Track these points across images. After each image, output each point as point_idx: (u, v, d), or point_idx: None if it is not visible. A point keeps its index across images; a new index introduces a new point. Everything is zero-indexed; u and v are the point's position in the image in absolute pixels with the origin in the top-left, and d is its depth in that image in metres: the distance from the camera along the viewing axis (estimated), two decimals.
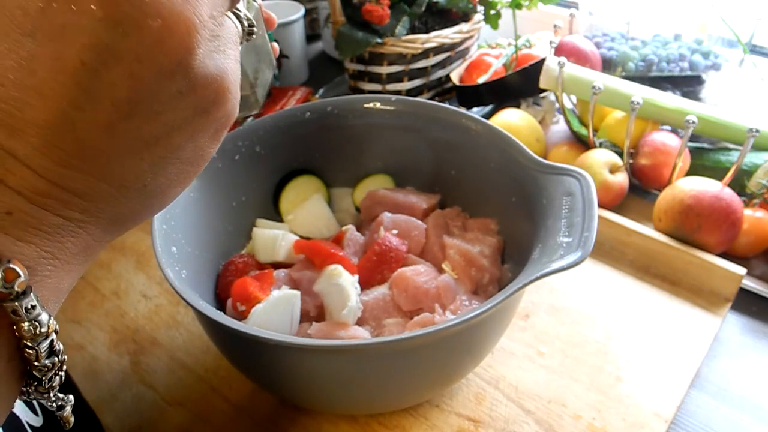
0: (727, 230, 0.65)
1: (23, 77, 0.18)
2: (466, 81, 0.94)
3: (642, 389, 0.55)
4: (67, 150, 0.19)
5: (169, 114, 0.20)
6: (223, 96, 0.21)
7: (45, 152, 0.18)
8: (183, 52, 0.19)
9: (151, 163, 0.21)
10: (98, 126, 0.19)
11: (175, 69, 0.19)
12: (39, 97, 0.18)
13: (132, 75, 0.19)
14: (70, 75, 0.18)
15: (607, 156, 0.74)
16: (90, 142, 0.19)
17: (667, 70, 0.86)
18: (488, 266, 0.56)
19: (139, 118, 0.20)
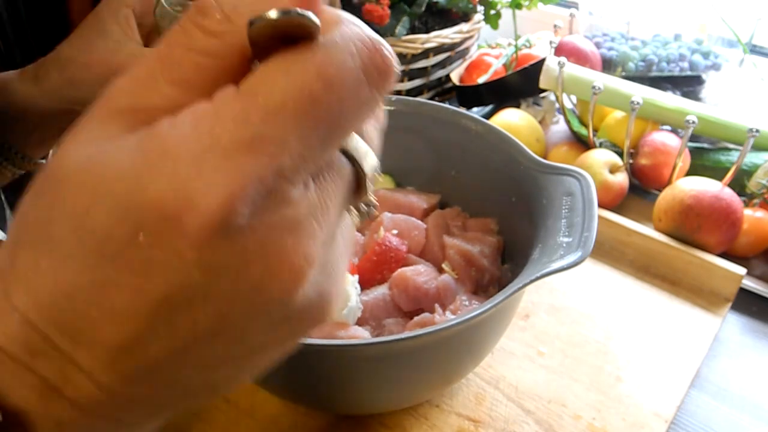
0: (727, 230, 0.65)
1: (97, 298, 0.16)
2: (466, 81, 0.94)
3: (642, 389, 0.55)
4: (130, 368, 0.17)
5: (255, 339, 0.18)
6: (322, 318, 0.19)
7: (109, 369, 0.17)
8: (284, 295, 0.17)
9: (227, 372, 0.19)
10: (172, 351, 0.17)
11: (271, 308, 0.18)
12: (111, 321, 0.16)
13: (220, 315, 0.17)
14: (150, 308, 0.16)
15: (607, 156, 0.74)
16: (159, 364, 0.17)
17: (667, 70, 0.86)
18: (488, 266, 0.56)
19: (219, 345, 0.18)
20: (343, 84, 0.16)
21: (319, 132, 0.17)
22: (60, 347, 0.17)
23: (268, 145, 0.16)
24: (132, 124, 0.17)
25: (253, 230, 0.16)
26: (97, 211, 0.16)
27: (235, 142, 0.16)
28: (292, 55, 0.16)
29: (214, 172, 0.15)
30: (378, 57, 0.17)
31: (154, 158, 0.16)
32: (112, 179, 0.16)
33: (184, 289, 0.16)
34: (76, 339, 0.17)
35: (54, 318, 0.16)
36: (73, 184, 0.16)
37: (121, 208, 0.16)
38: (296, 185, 0.17)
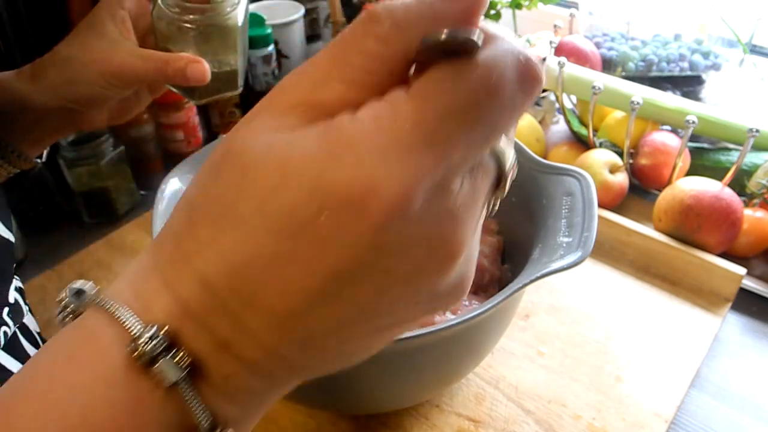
0: (727, 230, 0.65)
1: (274, 268, 0.18)
2: None
3: (642, 389, 0.55)
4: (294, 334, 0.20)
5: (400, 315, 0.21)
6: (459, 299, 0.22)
7: (274, 331, 0.19)
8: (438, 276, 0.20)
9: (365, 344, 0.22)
10: (329, 322, 0.19)
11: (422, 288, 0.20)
12: (283, 289, 0.18)
13: (379, 291, 0.19)
14: (319, 280, 0.18)
15: (607, 156, 0.74)
16: (317, 332, 0.20)
17: (667, 70, 0.86)
18: (488, 266, 0.56)
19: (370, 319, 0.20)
20: (503, 92, 0.18)
21: (481, 133, 0.19)
22: (233, 309, 0.19)
23: (441, 143, 0.18)
24: (308, 117, 0.19)
25: (421, 217, 0.18)
26: (284, 192, 0.18)
27: (414, 138, 0.17)
28: (458, 65, 0.18)
29: (397, 163, 0.17)
30: (530, 69, 0.19)
31: (340, 148, 0.18)
32: (299, 164, 0.18)
33: (354, 266, 0.18)
34: (249, 303, 0.19)
35: (231, 283, 0.19)
36: (260, 167, 0.18)
37: (307, 191, 0.18)
38: (458, 179, 0.19)
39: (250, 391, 0.21)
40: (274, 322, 0.19)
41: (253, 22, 0.94)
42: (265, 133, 0.19)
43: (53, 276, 0.68)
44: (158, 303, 0.20)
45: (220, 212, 0.19)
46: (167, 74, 0.46)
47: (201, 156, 0.55)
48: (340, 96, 0.19)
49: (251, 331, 0.19)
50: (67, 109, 0.48)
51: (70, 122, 0.50)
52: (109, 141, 0.75)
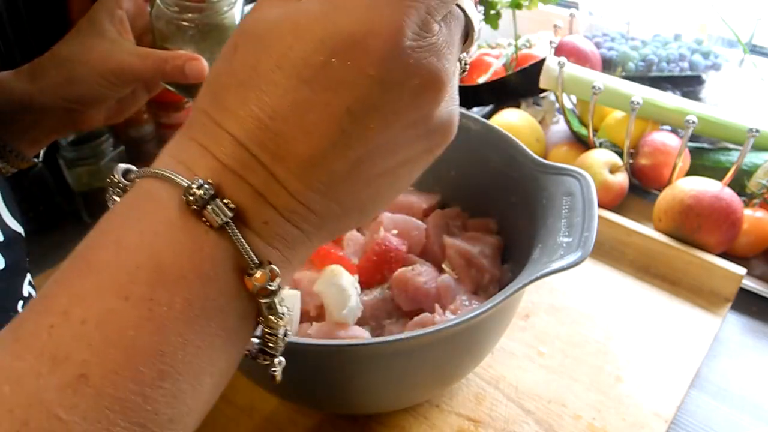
0: (727, 230, 0.65)
1: (295, 116, 0.21)
2: (465, 81, 0.94)
3: (642, 389, 0.55)
4: (317, 178, 0.22)
5: (403, 153, 0.24)
6: (449, 138, 0.25)
7: (300, 178, 0.22)
8: (431, 106, 0.23)
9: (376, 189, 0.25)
10: (347, 162, 0.22)
11: (420, 120, 0.23)
12: (305, 135, 0.21)
13: (386, 124, 0.22)
14: (336, 120, 0.21)
15: (607, 156, 0.74)
16: (336, 174, 0.23)
17: (667, 70, 0.86)
18: (488, 266, 0.55)
19: (380, 157, 0.23)
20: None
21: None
22: (264, 162, 0.22)
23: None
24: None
25: (413, 50, 0.22)
26: (298, 46, 0.21)
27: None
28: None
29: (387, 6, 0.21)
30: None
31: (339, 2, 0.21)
32: (308, 22, 0.21)
33: (363, 101, 0.21)
34: (276, 155, 0.22)
35: (259, 138, 0.22)
36: (275, 32, 0.22)
37: (318, 40, 0.21)
38: (437, 20, 0.23)
39: (287, 237, 0.24)
40: (300, 168, 0.22)
41: None
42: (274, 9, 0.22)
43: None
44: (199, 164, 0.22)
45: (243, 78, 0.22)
46: (166, 72, 0.47)
47: None
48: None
49: (281, 181, 0.22)
50: (66, 109, 0.48)
51: (69, 122, 0.50)
52: (109, 141, 0.75)
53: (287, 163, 0.22)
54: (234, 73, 0.22)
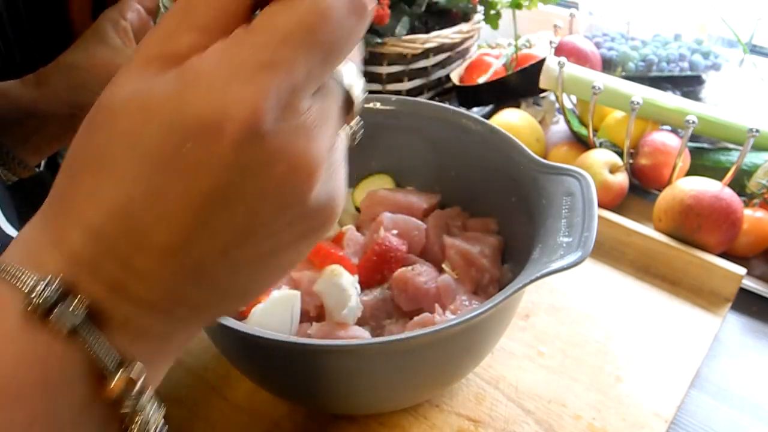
0: (727, 230, 0.65)
1: (151, 204, 0.20)
2: (466, 81, 0.94)
3: (642, 389, 0.55)
4: (183, 268, 0.21)
5: (279, 238, 0.22)
6: (332, 219, 0.23)
7: (163, 268, 0.20)
8: (302, 190, 0.21)
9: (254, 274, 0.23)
10: (213, 250, 0.21)
11: (292, 204, 0.21)
12: (163, 223, 0.20)
13: (252, 210, 0.21)
14: (195, 208, 0.20)
15: (607, 156, 0.74)
16: (203, 263, 0.21)
17: (667, 70, 0.86)
18: (488, 266, 0.56)
19: (251, 244, 0.21)
20: (334, 15, 0.20)
21: (319, 55, 0.20)
22: (121, 252, 0.20)
23: (282, 65, 0.20)
24: (165, 65, 0.20)
25: (275, 135, 0.20)
26: (149, 130, 0.19)
27: (256, 64, 0.19)
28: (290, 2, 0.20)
29: (243, 87, 0.19)
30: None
31: (192, 82, 0.19)
32: (159, 103, 0.20)
33: (223, 188, 0.20)
34: (134, 243, 0.20)
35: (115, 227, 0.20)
36: (125, 112, 0.20)
37: (169, 124, 0.19)
38: (304, 99, 0.21)
39: (153, 331, 0.22)
40: (160, 258, 0.20)
41: None
42: (128, 85, 0.21)
43: None
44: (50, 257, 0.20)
45: (97, 161, 0.20)
46: None
47: None
48: (191, 43, 0.20)
49: (141, 271, 0.20)
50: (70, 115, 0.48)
51: (71, 129, 0.50)
52: None
53: (146, 254, 0.20)
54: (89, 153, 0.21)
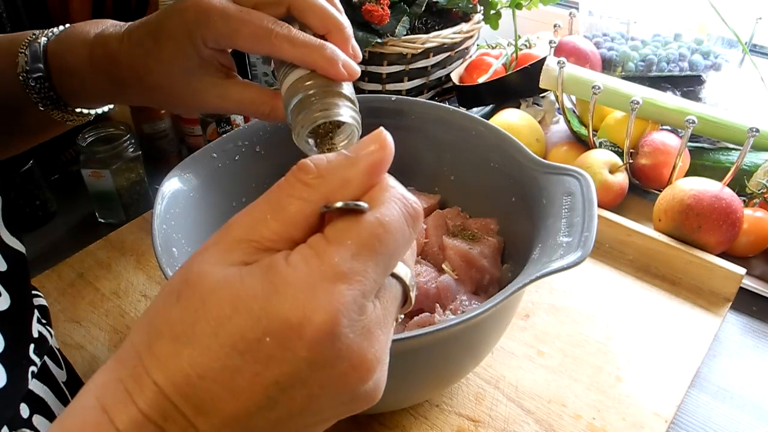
0: (727, 230, 0.65)
1: (224, 379, 0.22)
2: (466, 81, 0.94)
3: (642, 389, 0.55)
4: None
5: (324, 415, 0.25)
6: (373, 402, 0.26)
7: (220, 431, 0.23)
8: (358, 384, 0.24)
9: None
10: (269, 422, 0.23)
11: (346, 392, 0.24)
12: (232, 396, 0.22)
13: (311, 396, 0.24)
14: (263, 389, 0.23)
15: (607, 156, 0.74)
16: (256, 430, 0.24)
17: (667, 70, 0.86)
18: (488, 266, 0.55)
19: (301, 417, 0.24)
20: (395, 226, 0.24)
21: (384, 262, 0.24)
22: (186, 414, 0.23)
23: (356, 276, 0.23)
24: (250, 252, 0.24)
25: (345, 337, 0.23)
26: (236, 319, 0.22)
27: (335, 276, 0.23)
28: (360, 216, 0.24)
29: (324, 297, 0.22)
30: (412, 207, 0.25)
31: (280, 288, 0.23)
32: (248, 298, 0.23)
33: (292, 377, 0.23)
34: (200, 409, 0.23)
35: (185, 392, 0.22)
36: (215, 300, 0.23)
37: (256, 320, 0.22)
38: (370, 302, 0.24)
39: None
40: (222, 424, 0.23)
41: None
42: (217, 267, 0.24)
43: (53, 276, 0.68)
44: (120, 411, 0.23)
45: (179, 332, 0.23)
46: None
47: (200, 155, 0.55)
48: (274, 231, 0.24)
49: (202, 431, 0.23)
50: None
51: None
52: (130, 142, 0.75)
53: (211, 417, 0.23)
54: (171, 324, 0.23)
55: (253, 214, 0.25)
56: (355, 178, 0.25)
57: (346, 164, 0.25)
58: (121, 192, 0.76)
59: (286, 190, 0.25)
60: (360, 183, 0.25)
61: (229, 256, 0.24)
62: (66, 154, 0.84)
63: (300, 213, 0.24)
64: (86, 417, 0.23)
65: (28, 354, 0.40)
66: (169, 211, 0.49)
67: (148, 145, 0.86)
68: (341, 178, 0.25)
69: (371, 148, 0.25)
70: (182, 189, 0.52)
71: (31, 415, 0.39)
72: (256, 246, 0.24)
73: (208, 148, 0.56)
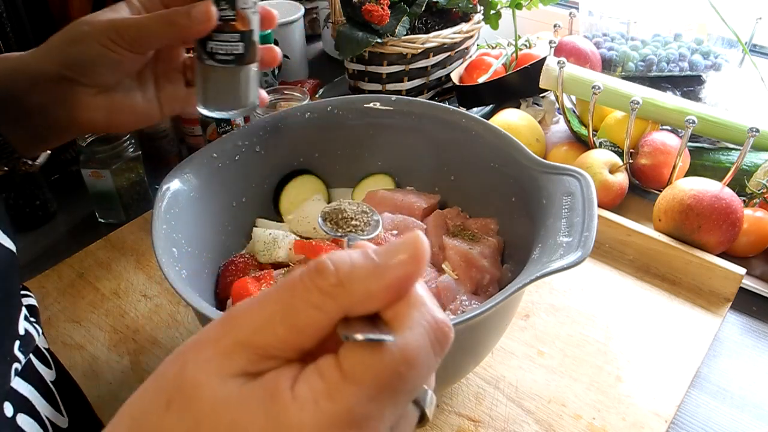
0: (727, 230, 0.65)
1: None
2: (466, 81, 0.94)
3: (642, 389, 0.55)
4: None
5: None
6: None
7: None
8: None
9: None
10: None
11: None
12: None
13: None
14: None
15: (607, 156, 0.74)
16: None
17: (667, 70, 0.86)
18: (488, 267, 0.55)
19: None
20: (420, 360, 0.21)
21: (404, 400, 0.22)
22: None
23: (371, 422, 0.20)
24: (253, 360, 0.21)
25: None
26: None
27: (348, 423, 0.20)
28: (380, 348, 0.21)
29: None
30: (441, 332, 0.22)
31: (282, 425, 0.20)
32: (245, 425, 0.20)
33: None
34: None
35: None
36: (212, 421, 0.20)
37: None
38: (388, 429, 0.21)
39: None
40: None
41: None
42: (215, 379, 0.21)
43: (53, 276, 0.68)
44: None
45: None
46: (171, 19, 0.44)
47: (200, 156, 0.55)
48: (281, 339, 0.21)
49: None
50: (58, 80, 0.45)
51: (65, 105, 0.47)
52: (129, 142, 0.75)
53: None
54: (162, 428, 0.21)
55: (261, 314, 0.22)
56: (380, 293, 0.22)
57: (372, 274, 0.21)
58: (121, 192, 0.76)
59: (301, 294, 0.22)
60: (385, 299, 0.22)
61: (229, 364, 0.21)
62: (66, 154, 0.84)
63: (313, 324, 0.21)
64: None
65: (12, 351, 0.39)
66: (169, 211, 0.49)
67: (148, 145, 0.86)
68: (364, 291, 0.21)
69: (402, 257, 0.22)
70: (182, 189, 0.52)
71: (15, 414, 0.38)
72: (261, 353, 0.21)
73: (208, 148, 0.56)
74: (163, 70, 0.50)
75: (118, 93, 0.48)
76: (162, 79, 0.50)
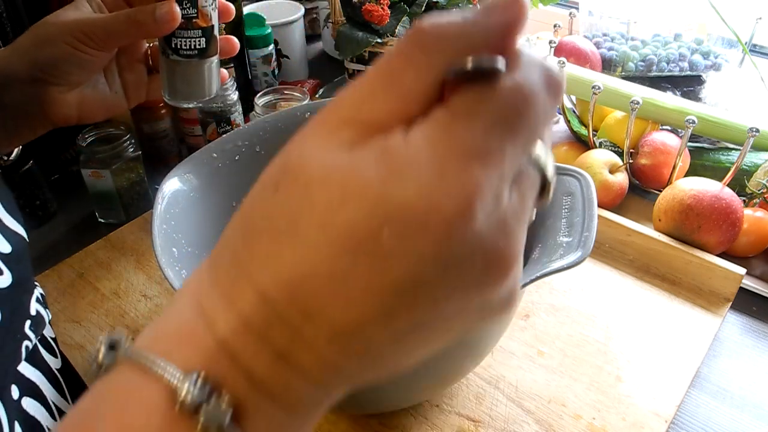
0: (727, 230, 0.65)
1: (333, 284, 0.18)
2: None
3: (642, 389, 0.55)
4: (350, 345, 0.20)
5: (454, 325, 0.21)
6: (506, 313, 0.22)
7: (331, 343, 0.19)
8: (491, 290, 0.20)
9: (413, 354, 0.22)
10: (385, 335, 0.20)
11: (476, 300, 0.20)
12: (342, 303, 0.19)
13: (436, 305, 0.19)
14: (378, 295, 0.18)
15: (607, 156, 0.74)
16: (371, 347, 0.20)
17: (667, 70, 0.86)
18: None
19: (423, 332, 0.20)
20: (536, 98, 0.19)
21: (523, 140, 0.19)
22: (291, 322, 0.19)
23: (492, 155, 0.18)
24: (359, 132, 0.19)
25: (480, 229, 0.18)
26: (346, 210, 0.18)
27: (466, 155, 0.18)
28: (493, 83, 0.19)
29: (454, 180, 0.18)
30: (553, 76, 0.20)
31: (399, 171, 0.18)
32: (361, 185, 0.18)
33: (415, 281, 0.18)
34: (308, 315, 0.19)
35: (290, 297, 0.19)
36: (323, 185, 0.19)
37: (368, 209, 0.18)
38: (506, 190, 0.19)
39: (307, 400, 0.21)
40: (332, 334, 0.19)
41: (253, 22, 0.94)
42: (322, 151, 0.19)
43: (53, 276, 0.68)
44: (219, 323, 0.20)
45: (280, 227, 0.19)
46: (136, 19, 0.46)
47: (200, 156, 0.55)
48: (386, 109, 0.19)
49: (309, 342, 0.19)
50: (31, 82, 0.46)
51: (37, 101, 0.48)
52: (129, 142, 0.75)
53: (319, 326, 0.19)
54: (271, 218, 0.20)
55: (361, 90, 0.20)
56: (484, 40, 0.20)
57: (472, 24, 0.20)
58: (121, 192, 0.76)
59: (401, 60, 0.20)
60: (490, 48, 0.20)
61: (334, 137, 0.20)
62: (66, 154, 0.84)
63: (418, 83, 0.19)
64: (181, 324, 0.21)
65: (23, 329, 0.40)
66: (169, 211, 0.49)
67: (148, 145, 0.86)
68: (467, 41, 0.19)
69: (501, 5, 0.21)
70: (182, 189, 0.52)
71: (21, 397, 0.39)
72: (367, 126, 0.19)
73: (208, 148, 0.56)
74: (127, 61, 0.52)
75: (87, 88, 0.50)
76: (125, 71, 0.52)
